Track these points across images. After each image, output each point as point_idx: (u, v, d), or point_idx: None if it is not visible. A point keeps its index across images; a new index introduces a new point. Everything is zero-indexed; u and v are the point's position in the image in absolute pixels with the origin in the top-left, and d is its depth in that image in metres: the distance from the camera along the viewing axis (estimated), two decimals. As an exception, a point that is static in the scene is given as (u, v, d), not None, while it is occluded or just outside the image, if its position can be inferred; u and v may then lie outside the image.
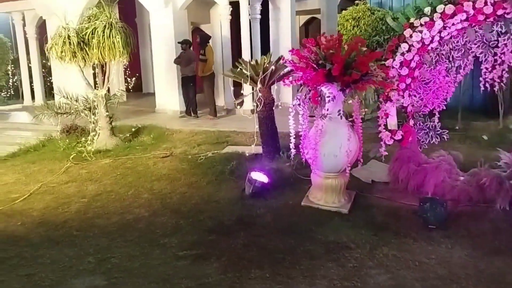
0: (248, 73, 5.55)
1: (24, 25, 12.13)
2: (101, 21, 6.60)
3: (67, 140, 7.57)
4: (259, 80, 5.51)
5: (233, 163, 5.72)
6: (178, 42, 9.27)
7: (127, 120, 8.91)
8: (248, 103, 9.47)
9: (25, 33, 12.20)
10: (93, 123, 7.51)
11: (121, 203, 5.00)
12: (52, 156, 6.96)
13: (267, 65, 5.56)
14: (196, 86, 9.35)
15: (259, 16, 9.89)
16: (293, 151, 4.72)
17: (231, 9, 9.56)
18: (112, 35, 6.55)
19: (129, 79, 8.73)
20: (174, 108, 10.04)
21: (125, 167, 6.20)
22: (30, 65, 12.60)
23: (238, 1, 9.50)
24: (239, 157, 6.01)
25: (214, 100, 9.33)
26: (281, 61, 5.47)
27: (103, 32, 6.52)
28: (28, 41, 12.30)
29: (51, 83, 13.15)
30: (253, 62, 5.73)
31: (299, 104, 4.50)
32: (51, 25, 11.16)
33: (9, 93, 14.46)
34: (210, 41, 9.40)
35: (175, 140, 7.31)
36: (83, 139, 7.53)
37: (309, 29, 15.98)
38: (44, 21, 11.84)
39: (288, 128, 4.66)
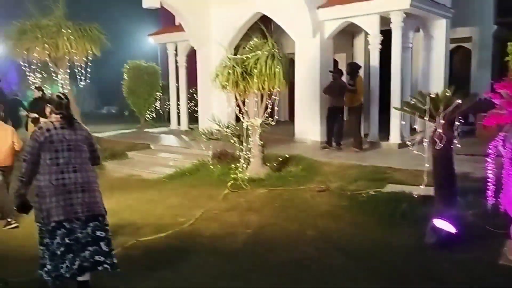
0: (427, 107, 5.02)
1: (176, 54, 13.11)
2: (264, 51, 6.65)
3: (219, 166, 7.74)
4: (440, 115, 4.94)
5: (404, 205, 5.18)
6: (330, 71, 9.07)
7: (269, 149, 8.87)
8: (396, 137, 8.86)
9: (176, 62, 13.17)
10: (243, 150, 7.59)
11: (288, 239, 4.77)
12: (209, 181, 7.12)
13: (450, 99, 4.97)
14: (343, 117, 9.03)
15: (411, 45, 9.31)
16: (490, 199, 4.06)
17: (381, 38, 9.13)
18: (274, 65, 6.55)
19: (276, 108, 8.72)
20: (314, 138, 9.82)
21: (282, 198, 6.03)
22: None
23: (386, 30, 9.07)
24: (407, 199, 5.44)
25: (360, 132, 8.88)
26: (481, 96, 4.85)
27: (265, 62, 6.55)
28: (178, 69, 13.25)
29: (192, 109, 14.04)
30: (432, 95, 5.18)
31: (503, 145, 3.87)
32: (201, 55, 11.90)
33: (158, 117, 15.79)
34: (359, 71, 9.04)
35: (327, 173, 7.00)
36: (233, 165, 7.65)
37: (454, 58, 14.77)
38: (193, 50, 12.73)
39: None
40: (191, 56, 13.00)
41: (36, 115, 9.37)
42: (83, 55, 9.95)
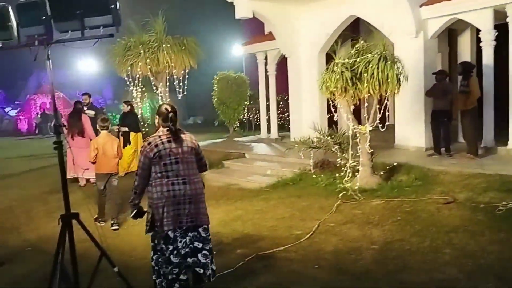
0: None
1: (266, 63, 13.05)
2: (375, 54, 6.23)
3: (322, 175, 7.40)
4: None
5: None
6: (433, 73, 8.39)
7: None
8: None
9: (266, 71, 13.10)
10: (347, 159, 7.19)
11: (422, 257, 4.29)
12: (315, 191, 6.82)
13: None
14: (451, 121, 8.27)
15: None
16: None
17: (496, 33, 8.24)
18: (387, 67, 6.10)
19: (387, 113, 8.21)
20: (417, 144, 9.11)
21: (403, 211, 5.53)
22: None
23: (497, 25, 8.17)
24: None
25: (475, 137, 8.04)
26: None
27: (377, 65, 6.12)
28: (267, 78, 13.18)
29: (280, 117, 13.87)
30: None
31: None
32: (292, 63, 11.70)
33: (246, 126, 15.88)
34: (473, 70, 8.22)
35: (446, 182, 6.35)
36: (337, 175, 7.27)
37: None
38: (283, 59, 12.58)
39: None
40: (278, 64, 12.89)
41: (126, 129, 9.73)
42: (181, 68, 10.19)
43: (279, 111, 14.25)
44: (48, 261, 4.95)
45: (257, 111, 16.66)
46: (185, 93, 10.71)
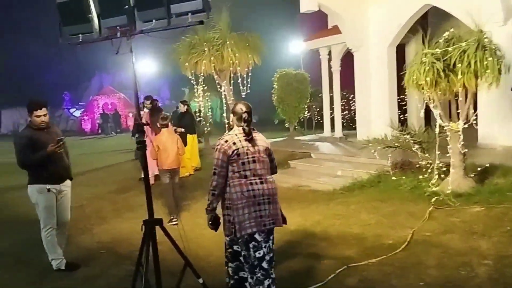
0: None
1: (329, 59, 12.47)
2: (470, 41, 5.51)
3: (404, 178, 6.76)
4: None
5: None
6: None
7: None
8: None
9: (329, 67, 12.51)
10: (430, 159, 6.51)
11: (553, 277, 3.61)
12: (398, 195, 6.20)
13: None
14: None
15: None
16: None
17: None
18: (486, 57, 5.37)
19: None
20: (505, 143, 8.19)
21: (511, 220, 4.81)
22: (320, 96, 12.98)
23: None
24: None
25: None
26: None
27: (475, 54, 5.40)
28: (331, 75, 12.59)
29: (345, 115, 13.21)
30: None
31: None
32: (359, 57, 11.04)
33: (307, 124, 15.35)
34: None
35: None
36: (421, 177, 6.60)
37: None
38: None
39: None
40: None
41: (182, 130, 9.33)
42: (245, 65, 9.85)
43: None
44: (123, 265, 4.78)
45: (318, 109, 16.11)
46: (248, 91, 10.38)
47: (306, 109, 15.06)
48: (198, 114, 11.60)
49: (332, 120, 12.91)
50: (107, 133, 26.35)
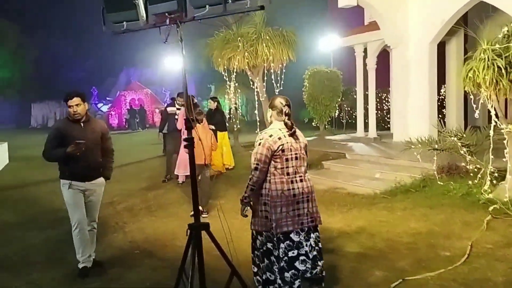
0: None
1: (365, 56, 12.01)
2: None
3: (452, 182, 6.32)
4: None
5: None
6: None
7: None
8: None
9: (365, 65, 12.06)
10: (480, 163, 6.05)
11: None
12: (449, 202, 5.77)
13: None
14: None
15: None
16: None
17: None
18: (555, 53, 4.90)
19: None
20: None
21: None
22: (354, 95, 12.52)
23: None
24: None
25: None
26: None
27: (542, 51, 4.94)
28: (366, 73, 12.13)
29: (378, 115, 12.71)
30: None
31: None
32: (398, 54, 10.57)
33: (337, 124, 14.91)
34: None
35: None
36: (470, 182, 6.15)
37: None
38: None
39: None
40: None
41: (213, 127, 8.95)
42: (279, 61, 9.54)
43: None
44: (160, 267, 4.54)
45: (348, 108, 15.65)
46: (281, 88, 10.06)
47: (337, 108, 14.62)
48: (228, 111, 11.36)
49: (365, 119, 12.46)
50: (134, 129, 26.48)
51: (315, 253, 3.29)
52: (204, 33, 9.60)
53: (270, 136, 3.22)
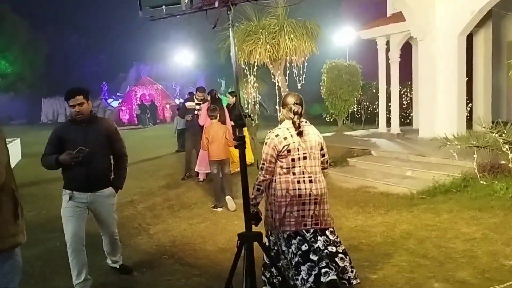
0: None
1: (387, 49, 11.53)
2: None
3: (496, 182, 5.87)
4: None
5: None
6: None
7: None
8: None
9: (387, 58, 11.57)
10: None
11: None
12: (498, 203, 5.30)
13: None
14: None
15: None
16: None
17: None
18: None
19: None
20: None
21: None
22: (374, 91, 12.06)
23: None
24: None
25: None
26: None
27: None
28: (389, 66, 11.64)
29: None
30: None
31: None
32: (424, 47, 10.08)
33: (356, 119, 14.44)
34: None
35: None
36: (517, 182, 5.71)
37: None
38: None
39: None
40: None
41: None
42: (302, 54, 9.10)
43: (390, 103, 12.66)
44: (192, 276, 4.16)
45: (367, 103, 15.17)
46: (303, 82, 9.62)
47: (356, 103, 14.16)
48: (246, 106, 10.95)
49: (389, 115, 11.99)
50: (145, 124, 26.13)
51: (323, 254, 3.11)
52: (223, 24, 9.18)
53: (277, 135, 3.17)
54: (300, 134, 3.17)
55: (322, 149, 3.32)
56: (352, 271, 3.17)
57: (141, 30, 30.64)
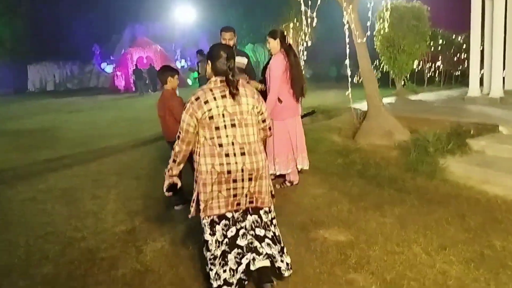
0: None
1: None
2: None
3: None
4: None
5: None
6: None
7: None
8: None
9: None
10: None
11: None
12: None
13: None
14: None
15: None
16: None
17: None
18: None
19: None
20: None
21: None
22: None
23: None
24: None
25: None
26: None
27: None
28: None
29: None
30: None
31: None
32: None
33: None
34: None
35: None
36: None
37: None
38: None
39: None
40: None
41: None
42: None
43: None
44: None
45: (429, 60, 11.63)
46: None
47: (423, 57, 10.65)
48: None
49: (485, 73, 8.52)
50: (141, 92, 21.94)
51: (249, 237, 2.51)
52: None
53: (196, 99, 2.37)
54: (233, 95, 2.37)
55: (262, 113, 2.54)
56: (282, 261, 2.57)
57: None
